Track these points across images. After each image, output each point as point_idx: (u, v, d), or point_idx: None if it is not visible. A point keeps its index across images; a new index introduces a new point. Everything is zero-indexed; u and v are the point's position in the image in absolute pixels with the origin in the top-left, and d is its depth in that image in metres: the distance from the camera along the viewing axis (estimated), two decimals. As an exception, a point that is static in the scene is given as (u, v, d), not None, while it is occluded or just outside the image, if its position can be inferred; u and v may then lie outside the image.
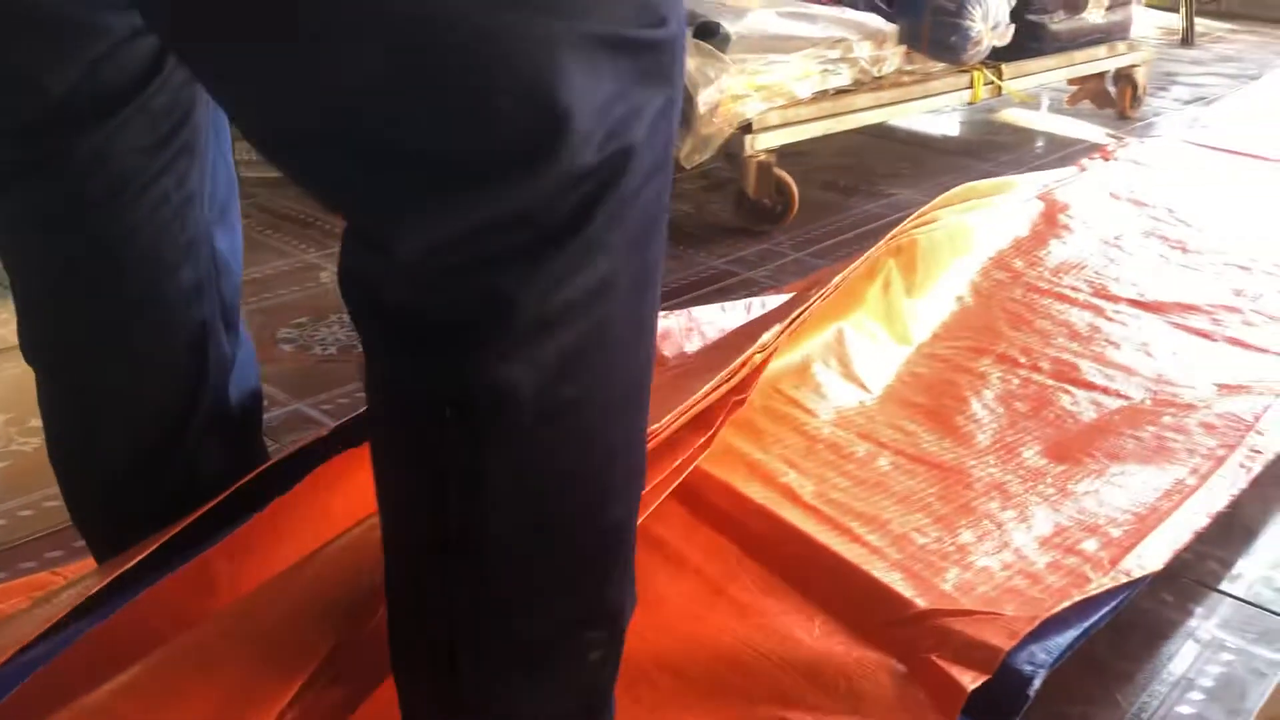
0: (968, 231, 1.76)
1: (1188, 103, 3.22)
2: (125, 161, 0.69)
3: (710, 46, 1.75)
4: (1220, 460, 1.22)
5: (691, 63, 1.74)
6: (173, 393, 0.78)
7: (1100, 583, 0.94)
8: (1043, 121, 3.01)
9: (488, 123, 0.46)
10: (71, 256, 0.72)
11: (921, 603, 0.94)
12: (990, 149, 2.69)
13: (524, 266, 0.48)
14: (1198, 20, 4.30)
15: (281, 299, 1.68)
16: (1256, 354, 1.53)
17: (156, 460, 0.80)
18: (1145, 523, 1.08)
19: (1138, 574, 0.96)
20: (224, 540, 0.79)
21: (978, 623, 0.87)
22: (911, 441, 1.28)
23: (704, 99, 1.74)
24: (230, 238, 0.80)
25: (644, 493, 0.62)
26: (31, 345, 0.77)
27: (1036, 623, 0.85)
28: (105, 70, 0.66)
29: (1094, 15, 2.60)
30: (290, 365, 1.49)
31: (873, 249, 1.53)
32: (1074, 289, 1.72)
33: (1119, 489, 1.17)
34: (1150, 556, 1.00)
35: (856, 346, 1.46)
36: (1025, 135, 2.85)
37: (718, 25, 1.75)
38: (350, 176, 0.50)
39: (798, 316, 1.24)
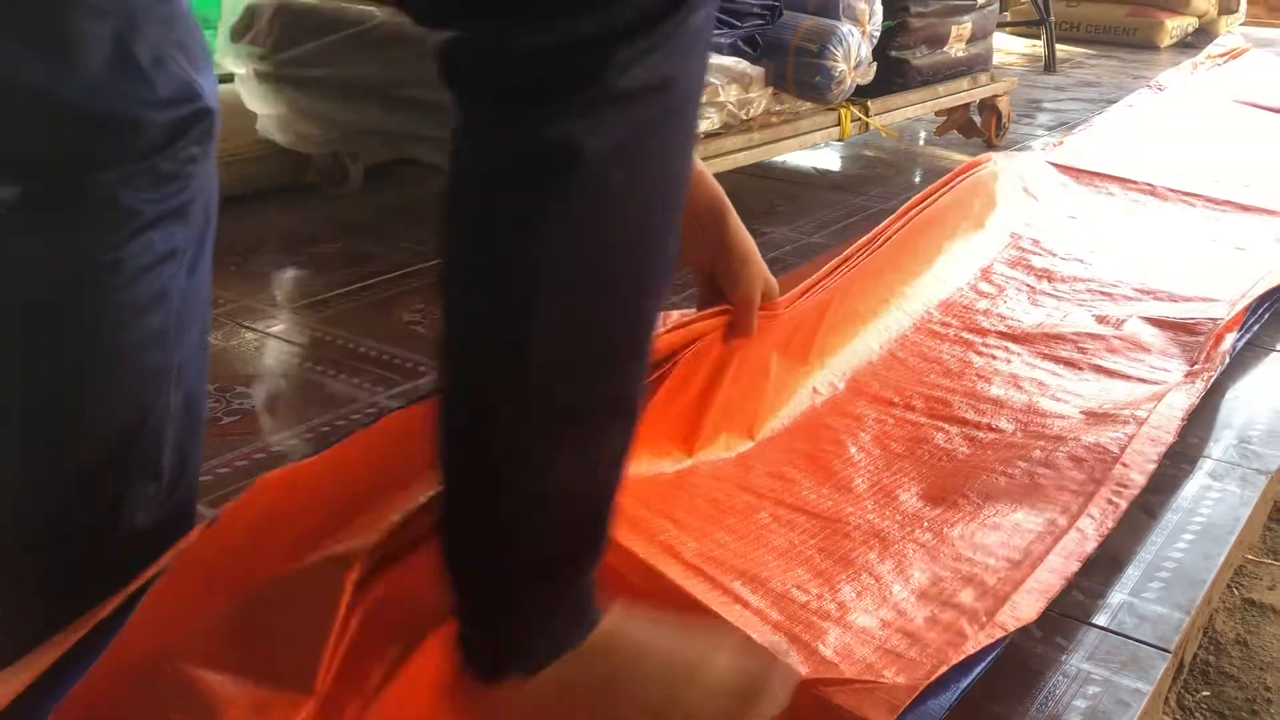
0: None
1: (1052, 128, 3.33)
2: (126, 203, 0.76)
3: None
4: (1089, 496, 1.24)
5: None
6: (112, 432, 0.79)
7: (977, 640, 0.94)
8: (916, 153, 3.08)
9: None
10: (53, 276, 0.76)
11: (803, 671, 0.93)
12: (865, 182, 2.73)
13: (611, 44, 0.57)
14: (1059, 46, 4.47)
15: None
16: (1120, 380, 1.56)
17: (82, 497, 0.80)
18: (1019, 569, 1.09)
19: (1013, 627, 0.96)
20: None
21: (858, 694, 0.85)
22: (791, 490, 1.27)
23: (572, 149, 1.72)
24: (200, 334, 0.87)
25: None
26: None
27: (915, 693, 0.84)
28: (129, 135, 0.75)
29: (955, 49, 2.67)
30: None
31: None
32: (944, 324, 1.74)
33: (993, 531, 1.17)
34: (1024, 607, 1.00)
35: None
36: (900, 167, 2.91)
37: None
38: None
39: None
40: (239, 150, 2.32)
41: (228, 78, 2.31)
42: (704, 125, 1.99)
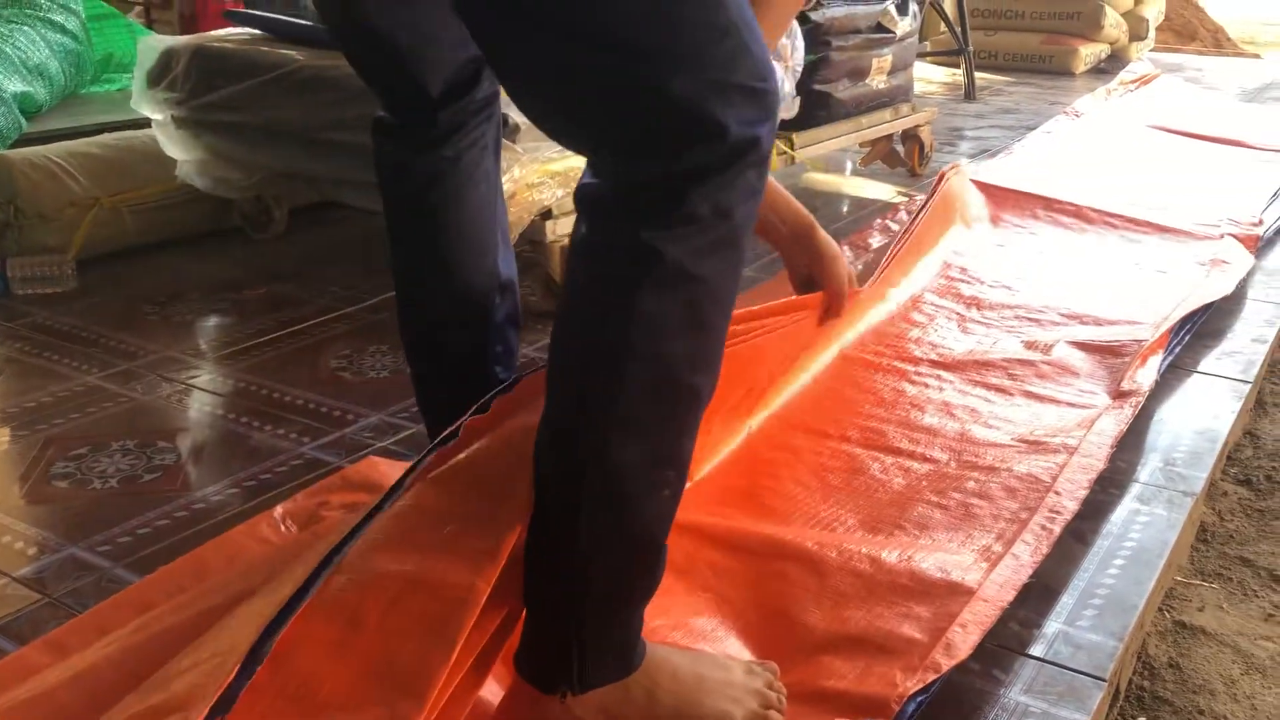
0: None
1: (975, 155, 3.39)
2: (460, 120, 1.16)
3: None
4: (1023, 524, 1.25)
5: (483, 154, 1.71)
6: (488, 296, 1.22)
7: (917, 679, 0.94)
8: (844, 184, 3.11)
9: (705, 128, 0.80)
10: (436, 172, 1.17)
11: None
12: (793, 213, 2.75)
13: (691, 182, 0.80)
14: (978, 74, 4.57)
15: (57, 428, 1.55)
16: (1050, 405, 1.58)
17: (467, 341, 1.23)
18: (955, 599, 1.09)
19: (947, 666, 0.96)
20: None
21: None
22: (731, 528, 1.26)
23: (499, 190, 1.71)
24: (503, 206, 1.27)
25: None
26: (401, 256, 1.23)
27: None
28: (456, 76, 1.13)
29: (876, 81, 2.70)
30: (65, 504, 1.36)
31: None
32: (877, 354, 1.76)
33: (929, 563, 1.17)
34: (959, 645, 1.00)
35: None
36: (829, 198, 2.94)
37: (505, 116, 1.73)
38: (605, 139, 0.83)
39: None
40: (158, 196, 2.28)
41: (144, 123, 2.27)
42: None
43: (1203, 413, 1.62)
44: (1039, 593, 1.17)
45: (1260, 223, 2.51)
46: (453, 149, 1.16)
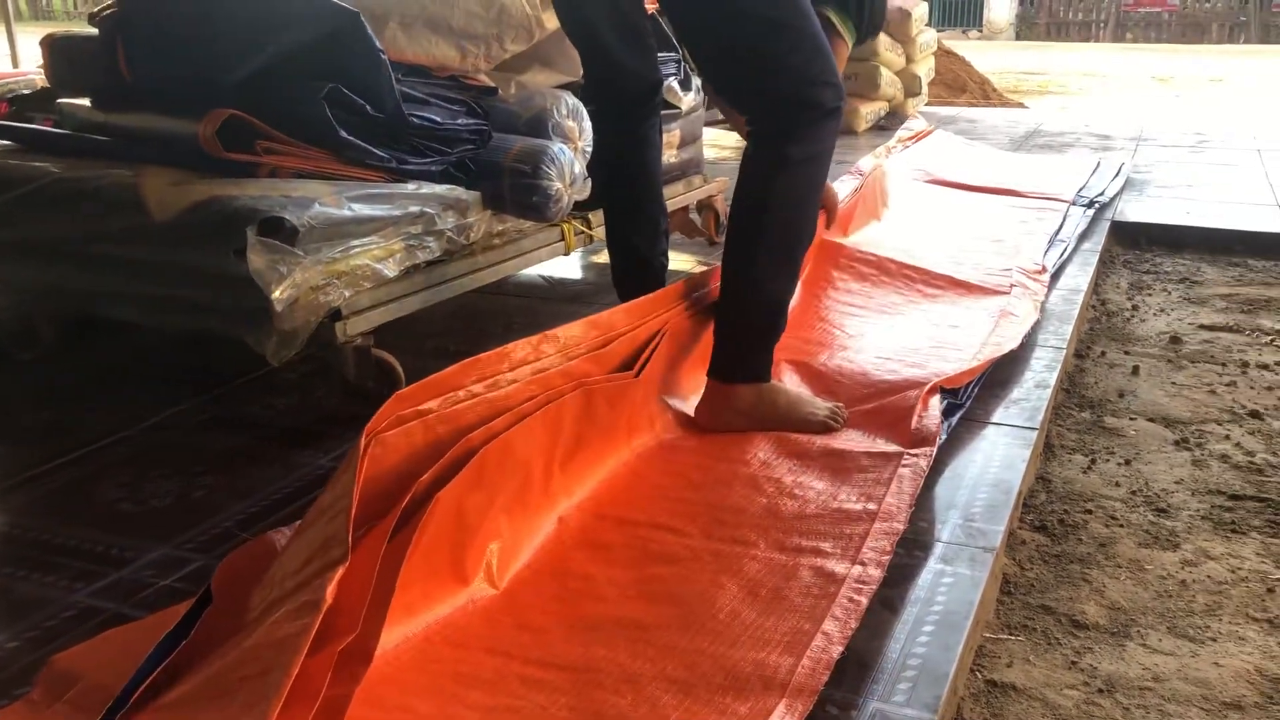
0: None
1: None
2: (646, 112, 2.04)
3: (277, 242, 1.65)
4: (832, 598, 1.25)
5: (261, 262, 1.63)
6: (656, 219, 2.09)
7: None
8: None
9: (815, 105, 1.70)
10: (642, 137, 2.05)
11: None
12: (601, 291, 2.75)
13: (807, 125, 1.70)
14: (768, 139, 4.71)
15: None
16: (852, 466, 1.60)
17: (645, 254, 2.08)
18: (770, 694, 1.07)
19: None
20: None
21: None
22: (541, 643, 1.21)
23: (279, 296, 1.63)
24: None
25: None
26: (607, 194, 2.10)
27: None
28: (652, 87, 2.03)
29: (667, 156, 2.75)
30: None
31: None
32: (685, 433, 1.75)
33: (742, 655, 1.15)
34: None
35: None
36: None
37: (282, 219, 1.66)
38: (765, 107, 1.73)
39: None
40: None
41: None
42: (424, 255, 1.95)
43: (996, 463, 1.68)
44: (854, 669, 1.16)
45: (1044, 269, 2.67)
46: (649, 125, 2.04)
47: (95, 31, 2.07)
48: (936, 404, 1.76)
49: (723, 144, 5.04)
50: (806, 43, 1.64)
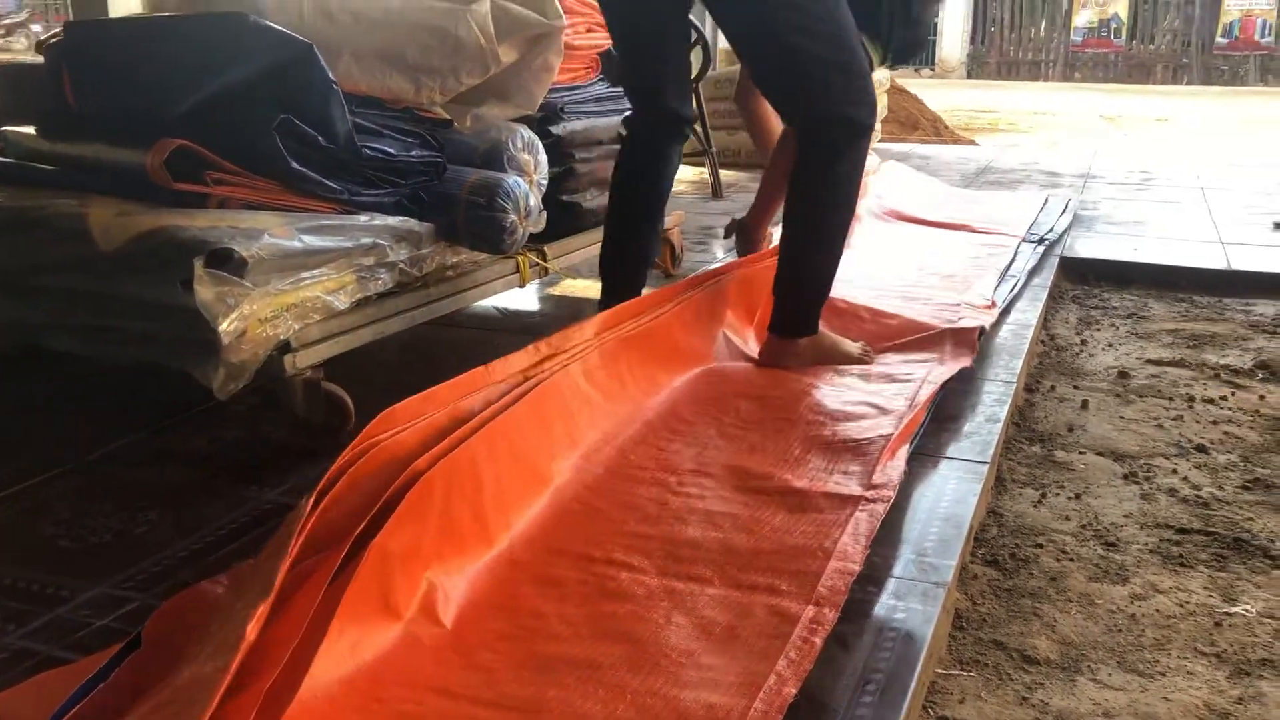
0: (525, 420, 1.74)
1: (729, 252, 3.49)
2: (669, 137, 2.32)
3: (225, 274, 1.63)
4: (785, 638, 1.24)
5: (208, 293, 1.61)
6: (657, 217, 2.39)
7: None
8: (599, 290, 3.13)
9: (854, 122, 2.09)
10: (665, 154, 2.34)
11: None
12: (557, 321, 2.74)
13: (849, 140, 2.09)
14: (723, 172, 4.76)
15: None
16: (810, 506, 1.60)
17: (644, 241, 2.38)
18: (722, 734, 1.06)
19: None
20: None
21: None
22: (491, 683, 1.19)
23: (226, 328, 1.61)
24: None
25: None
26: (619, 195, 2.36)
27: None
28: (681, 117, 2.32)
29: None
30: None
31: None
32: (640, 467, 1.74)
33: (694, 698, 1.14)
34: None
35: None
36: (585, 304, 2.94)
37: (230, 251, 1.64)
38: (811, 119, 2.12)
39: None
40: None
41: None
42: (376, 286, 1.93)
43: (947, 498, 1.68)
44: (808, 711, 1.15)
45: (993, 304, 2.69)
46: (674, 149, 2.30)
47: (41, 60, 2.04)
48: (904, 453, 1.75)
49: (680, 178, 5.06)
50: (853, 66, 2.03)
